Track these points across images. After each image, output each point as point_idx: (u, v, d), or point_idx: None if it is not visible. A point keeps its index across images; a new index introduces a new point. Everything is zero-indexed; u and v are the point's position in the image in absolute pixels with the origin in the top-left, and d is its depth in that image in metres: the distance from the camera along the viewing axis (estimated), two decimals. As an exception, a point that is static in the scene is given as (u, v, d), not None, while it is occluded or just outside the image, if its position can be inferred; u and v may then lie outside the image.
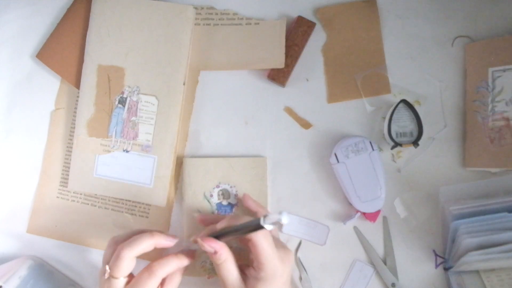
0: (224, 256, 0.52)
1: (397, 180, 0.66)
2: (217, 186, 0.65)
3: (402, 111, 0.64)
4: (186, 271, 0.60)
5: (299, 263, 0.65)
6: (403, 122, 0.64)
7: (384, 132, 0.64)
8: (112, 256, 0.53)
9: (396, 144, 0.63)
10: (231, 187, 0.65)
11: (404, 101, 0.63)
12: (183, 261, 0.56)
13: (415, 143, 0.63)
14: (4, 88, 0.69)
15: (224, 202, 0.65)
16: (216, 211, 0.65)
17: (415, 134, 0.64)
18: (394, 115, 0.63)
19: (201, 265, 0.65)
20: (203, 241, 0.52)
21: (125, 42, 0.65)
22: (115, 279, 0.52)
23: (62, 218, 0.67)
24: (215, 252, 0.52)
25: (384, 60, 0.66)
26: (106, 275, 0.52)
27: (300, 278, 0.64)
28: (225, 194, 0.65)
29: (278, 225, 0.59)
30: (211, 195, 0.65)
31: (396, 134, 0.64)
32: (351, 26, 0.67)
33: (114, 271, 0.52)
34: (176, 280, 0.56)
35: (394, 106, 0.63)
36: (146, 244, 0.53)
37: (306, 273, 0.64)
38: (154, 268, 0.52)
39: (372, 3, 0.67)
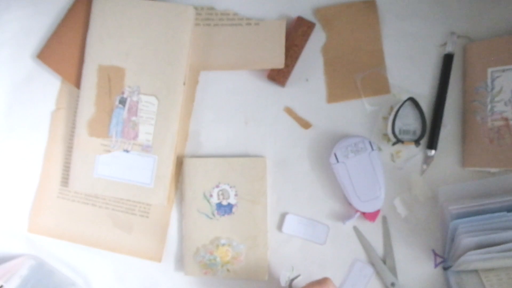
0: None
1: (397, 180, 0.66)
2: (217, 186, 0.66)
3: (408, 109, 0.64)
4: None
5: None
6: (408, 120, 0.64)
7: (387, 127, 0.64)
8: None
9: (398, 141, 0.63)
10: (230, 187, 0.65)
11: (411, 99, 0.63)
12: None
13: (417, 142, 0.63)
14: (4, 88, 0.69)
15: (224, 202, 0.65)
16: (215, 211, 0.65)
17: (418, 133, 0.64)
18: (400, 112, 0.64)
19: (199, 261, 0.65)
20: None
21: (125, 42, 0.65)
22: None
23: (62, 217, 0.67)
24: None
25: (383, 60, 0.67)
26: None
27: None
28: (224, 194, 0.65)
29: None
30: (211, 195, 0.65)
31: (399, 131, 0.64)
32: (350, 26, 0.67)
33: None
34: None
35: (401, 102, 0.63)
36: None
37: None
38: None
39: (371, 4, 0.67)
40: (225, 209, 0.65)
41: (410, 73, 0.66)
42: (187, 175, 0.66)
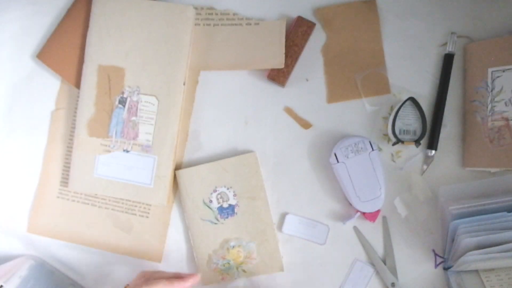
0: None
1: (397, 180, 0.66)
2: (215, 191, 0.65)
3: (409, 109, 0.64)
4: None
5: None
6: (408, 120, 0.64)
7: (388, 127, 0.64)
8: None
9: (398, 141, 0.63)
10: (228, 188, 0.65)
11: (412, 99, 0.63)
12: None
13: (417, 142, 0.63)
14: (4, 88, 0.69)
15: (225, 205, 0.65)
16: (218, 215, 0.65)
17: (419, 133, 0.64)
18: (400, 112, 0.64)
19: (214, 268, 0.65)
20: None
21: (125, 42, 0.65)
22: None
23: (62, 217, 0.67)
24: None
25: (383, 60, 0.67)
26: None
27: None
28: (223, 197, 0.65)
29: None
30: (210, 201, 0.65)
31: (400, 131, 0.64)
32: (351, 26, 0.67)
33: None
34: None
35: (401, 102, 0.63)
36: None
37: None
38: None
39: (371, 3, 0.67)
40: (227, 211, 0.65)
41: (411, 73, 0.66)
42: (183, 186, 0.66)
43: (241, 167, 0.65)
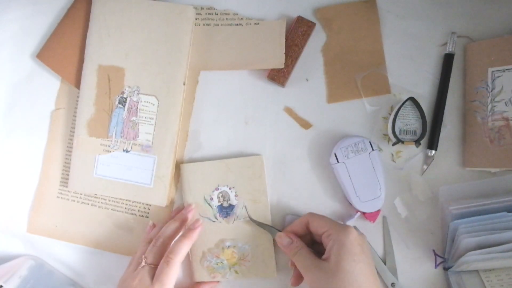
0: (299, 243, 0.59)
1: (397, 180, 0.66)
2: (217, 189, 0.65)
3: (409, 109, 0.64)
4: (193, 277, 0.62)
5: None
6: (408, 120, 0.64)
7: (388, 127, 0.64)
8: (145, 248, 0.61)
9: (398, 141, 0.63)
10: (230, 188, 0.65)
11: (412, 99, 0.63)
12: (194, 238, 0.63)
13: (417, 142, 0.63)
14: (4, 88, 0.69)
15: (225, 204, 0.65)
16: (217, 214, 0.65)
17: (419, 133, 0.64)
18: (400, 112, 0.64)
19: (206, 265, 0.65)
20: (285, 234, 0.61)
21: (125, 42, 0.65)
22: (151, 266, 0.59)
23: (62, 218, 0.67)
24: (292, 242, 0.59)
25: (384, 60, 0.67)
26: (143, 263, 0.59)
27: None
28: (225, 196, 0.65)
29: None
30: (211, 198, 0.65)
31: (400, 131, 0.64)
32: (351, 26, 0.67)
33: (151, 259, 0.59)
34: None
35: (401, 102, 0.63)
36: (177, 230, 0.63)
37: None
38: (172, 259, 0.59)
39: (372, 3, 0.67)
40: (227, 211, 0.65)
41: (411, 73, 0.66)
42: (185, 180, 0.66)
43: (245, 168, 0.65)
